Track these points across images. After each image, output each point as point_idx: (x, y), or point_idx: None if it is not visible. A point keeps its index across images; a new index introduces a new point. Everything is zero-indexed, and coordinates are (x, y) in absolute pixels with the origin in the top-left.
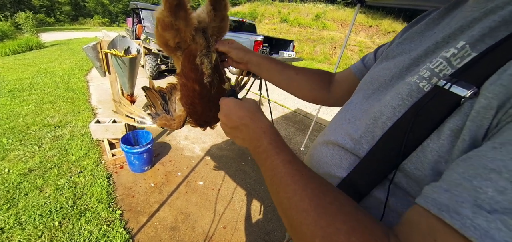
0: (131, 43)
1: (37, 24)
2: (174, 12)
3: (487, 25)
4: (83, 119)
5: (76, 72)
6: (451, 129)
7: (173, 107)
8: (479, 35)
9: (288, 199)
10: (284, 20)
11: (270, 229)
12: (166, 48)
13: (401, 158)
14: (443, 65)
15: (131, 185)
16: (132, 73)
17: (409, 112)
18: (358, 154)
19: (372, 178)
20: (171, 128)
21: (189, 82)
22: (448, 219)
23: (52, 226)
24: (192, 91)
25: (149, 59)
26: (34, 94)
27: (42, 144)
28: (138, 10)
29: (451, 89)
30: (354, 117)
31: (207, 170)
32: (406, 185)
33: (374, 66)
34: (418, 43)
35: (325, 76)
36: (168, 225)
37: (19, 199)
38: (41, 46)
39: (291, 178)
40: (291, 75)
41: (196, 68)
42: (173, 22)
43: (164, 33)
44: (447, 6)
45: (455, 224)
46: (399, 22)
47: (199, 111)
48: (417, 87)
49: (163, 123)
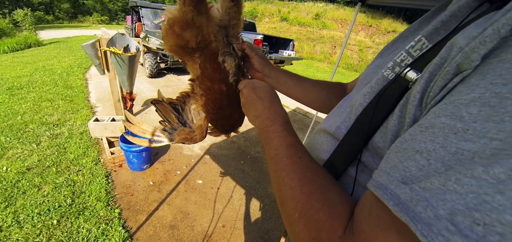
0: (130, 41)
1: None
2: (196, 6)
3: (440, 20)
4: (82, 117)
5: (75, 70)
6: (400, 109)
7: (189, 118)
8: (433, 28)
9: (283, 177)
10: (284, 19)
11: (269, 228)
12: (183, 51)
13: (366, 138)
14: (404, 56)
15: (130, 184)
16: (131, 71)
17: (375, 98)
18: (338, 137)
19: (346, 158)
20: (193, 141)
21: (215, 84)
22: (379, 194)
23: (50, 224)
24: (219, 94)
25: (148, 58)
26: (32, 92)
27: (40, 142)
28: (138, 8)
29: (407, 75)
30: (341, 107)
31: (206, 168)
32: (373, 162)
33: (370, 63)
34: (405, 41)
35: (339, 87)
36: (167, 224)
37: (17, 198)
38: (39, 44)
39: (290, 159)
40: (307, 88)
41: (220, 68)
42: (195, 18)
43: (184, 32)
44: (439, 6)
45: (382, 196)
46: (399, 21)
47: (227, 115)
48: (383, 76)
49: (183, 137)
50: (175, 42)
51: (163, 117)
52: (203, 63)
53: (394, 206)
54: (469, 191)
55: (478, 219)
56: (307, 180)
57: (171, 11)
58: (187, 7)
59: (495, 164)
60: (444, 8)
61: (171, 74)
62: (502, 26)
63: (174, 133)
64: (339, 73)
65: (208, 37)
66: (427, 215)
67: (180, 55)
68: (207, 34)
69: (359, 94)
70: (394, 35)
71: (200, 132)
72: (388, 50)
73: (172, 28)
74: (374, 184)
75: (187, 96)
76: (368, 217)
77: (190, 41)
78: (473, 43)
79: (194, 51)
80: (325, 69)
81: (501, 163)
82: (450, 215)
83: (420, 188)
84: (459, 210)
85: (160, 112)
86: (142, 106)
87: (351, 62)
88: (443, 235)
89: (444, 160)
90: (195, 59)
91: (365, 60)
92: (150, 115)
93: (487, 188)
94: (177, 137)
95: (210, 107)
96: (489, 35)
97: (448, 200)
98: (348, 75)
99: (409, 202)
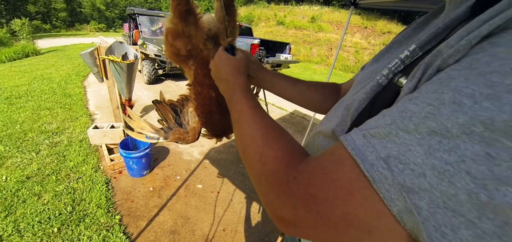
0: (129, 48)
1: (33, 30)
2: (184, 18)
3: (433, 31)
4: (81, 125)
5: (73, 78)
6: None
7: (185, 120)
8: (427, 39)
9: (244, 130)
10: (280, 22)
11: (270, 230)
12: (177, 58)
13: None
14: (397, 64)
15: (130, 190)
16: (129, 79)
17: (369, 103)
18: (334, 140)
19: None
20: (185, 142)
21: (205, 89)
22: (343, 140)
23: (51, 232)
24: (208, 99)
25: (146, 64)
26: (31, 101)
27: (39, 151)
28: (135, 16)
29: (399, 81)
30: (337, 110)
31: (206, 173)
32: None
33: (365, 68)
34: (400, 47)
35: (334, 87)
36: (168, 229)
37: (17, 206)
38: (37, 53)
39: (252, 117)
40: (302, 90)
41: (209, 74)
42: (183, 29)
43: (175, 42)
44: (432, 12)
45: (344, 141)
46: (394, 23)
47: (216, 120)
48: (377, 83)
49: (176, 137)
50: (169, 51)
51: (162, 116)
52: (195, 70)
53: (352, 150)
54: (402, 142)
55: (402, 160)
56: (267, 130)
57: (166, 21)
58: (176, 19)
59: (422, 124)
60: (437, 15)
61: (169, 80)
62: (473, 37)
63: (169, 132)
64: (335, 75)
65: (198, 45)
66: (372, 157)
67: (177, 62)
68: (196, 42)
69: (355, 101)
70: (389, 36)
71: (192, 134)
72: (383, 56)
73: (166, 38)
74: (343, 135)
75: (186, 99)
76: (331, 155)
77: (181, 49)
78: (451, 51)
79: (188, 58)
80: (322, 71)
81: (426, 124)
82: (386, 157)
83: (371, 136)
84: (392, 154)
85: (160, 112)
86: (140, 113)
87: (348, 63)
88: (379, 170)
89: (393, 116)
90: (190, 65)
91: (361, 62)
92: (148, 121)
93: (413, 141)
94: (171, 136)
95: (200, 112)
96: (463, 45)
97: (388, 148)
98: (345, 77)
99: (362, 147)
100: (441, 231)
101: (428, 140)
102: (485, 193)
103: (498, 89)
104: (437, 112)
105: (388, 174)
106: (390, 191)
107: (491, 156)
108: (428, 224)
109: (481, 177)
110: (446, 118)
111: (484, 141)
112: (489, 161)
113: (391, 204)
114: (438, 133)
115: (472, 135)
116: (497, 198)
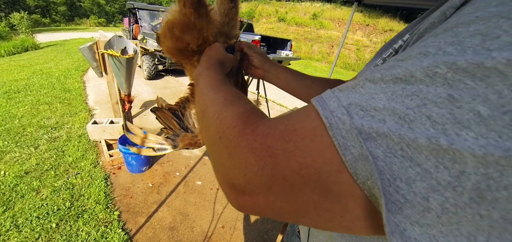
0: (128, 43)
1: (32, 24)
2: (196, 9)
3: (430, 21)
4: (80, 120)
5: (73, 73)
6: None
7: (190, 123)
8: (423, 30)
9: (207, 95)
10: (281, 19)
11: (269, 228)
12: (182, 54)
13: None
14: (390, 53)
15: (129, 186)
16: (129, 74)
17: None
18: None
19: None
20: (197, 146)
21: None
22: (313, 99)
23: (49, 228)
24: None
25: (146, 60)
26: (30, 96)
27: (38, 146)
28: (135, 10)
29: None
30: None
31: (205, 169)
32: None
33: (369, 62)
34: None
35: (339, 84)
36: (167, 225)
37: (16, 201)
38: (36, 47)
39: (212, 88)
40: (307, 84)
41: None
42: (195, 21)
43: (184, 35)
44: (433, 7)
45: (313, 100)
46: (396, 20)
47: None
48: None
49: (186, 142)
50: (174, 45)
51: (164, 124)
52: None
53: (315, 101)
54: (367, 92)
55: (363, 107)
56: (231, 94)
57: (171, 13)
58: (187, 10)
59: (388, 73)
60: (435, 11)
61: (169, 76)
62: (447, 9)
63: (177, 139)
64: (337, 72)
65: (208, 40)
66: (333, 105)
67: (178, 58)
68: (207, 36)
69: None
70: (391, 34)
71: None
72: (383, 53)
73: (171, 31)
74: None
75: (187, 101)
76: (296, 112)
77: (191, 43)
78: (427, 24)
79: (194, 54)
80: (323, 69)
81: (391, 72)
82: (348, 105)
83: (338, 90)
84: (355, 102)
85: (161, 120)
86: (140, 109)
87: (349, 61)
88: (338, 116)
89: (365, 72)
90: (194, 62)
91: (363, 59)
92: (148, 118)
93: (378, 89)
94: (180, 143)
95: None
96: (437, 17)
97: (351, 97)
98: (346, 75)
99: (326, 98)
100: (395, 185)
101: (392, 87)
102: (445, 138)
103: (462, 36)
104: (403, 63)
105: (346, 119)
106: (345, 137)
107: (453, 97)
108: (383, 177)
109: (441, 121)
110: (411, 64)
111: (447, 83)
112: (451, 104)
113: (345, 152)
114: (402, 79)
115: (435, 76)
116: (456, 142)
